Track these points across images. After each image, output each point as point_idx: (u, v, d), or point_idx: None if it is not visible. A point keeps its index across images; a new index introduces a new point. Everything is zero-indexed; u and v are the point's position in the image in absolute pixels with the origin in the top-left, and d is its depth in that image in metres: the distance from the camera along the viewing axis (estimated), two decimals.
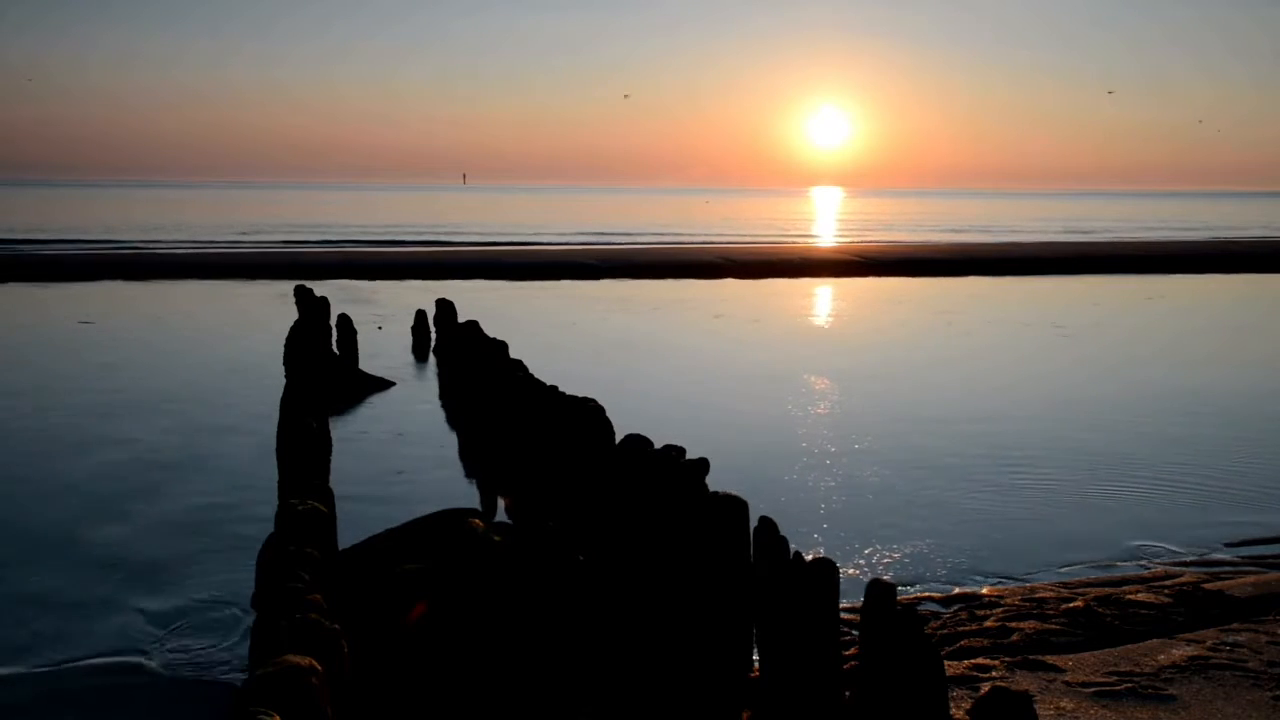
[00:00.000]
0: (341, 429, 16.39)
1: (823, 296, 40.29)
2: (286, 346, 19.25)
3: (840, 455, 15.34)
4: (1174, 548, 11.55)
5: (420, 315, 26.01)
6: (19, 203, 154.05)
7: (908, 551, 11.31)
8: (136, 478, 14.16)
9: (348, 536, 9.30)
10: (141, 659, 8.77)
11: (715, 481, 8.53)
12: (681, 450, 8.89)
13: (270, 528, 7.79)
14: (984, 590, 10.22)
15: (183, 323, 30.14)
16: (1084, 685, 7.85)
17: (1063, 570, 10.85)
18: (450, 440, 16.59)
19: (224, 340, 26.59)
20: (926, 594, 10.12)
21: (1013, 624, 9.10)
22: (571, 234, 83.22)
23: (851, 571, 10.55)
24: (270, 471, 11.75)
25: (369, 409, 18.99)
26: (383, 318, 30.64)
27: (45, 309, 33.69)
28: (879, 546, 11.45)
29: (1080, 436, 16.51)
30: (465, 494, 13.45)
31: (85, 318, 30.60)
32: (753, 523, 7.70)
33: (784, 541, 7.29)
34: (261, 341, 25.44)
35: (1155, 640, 8.77)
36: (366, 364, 21.72)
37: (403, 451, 15.65)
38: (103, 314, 31.94)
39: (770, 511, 7.80)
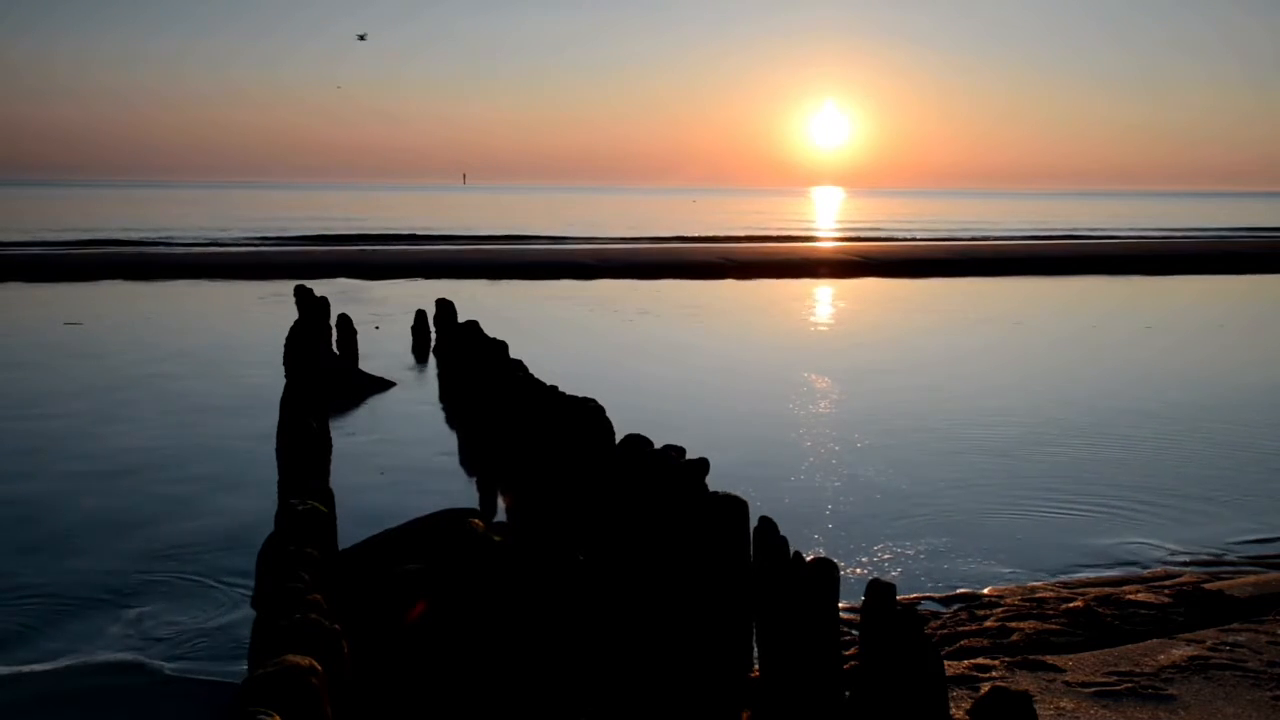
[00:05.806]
0: (341, 429, 16.39)
1: (824, 297, 40.30)
2: (286, 347, 19.25)
3: (841, 455, 15.34)
4: (1174, 548, 11.55)
5: (420, 315, 26.00)
6: (20, 203, 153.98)
7: (908, 551, 11.30)
8: (134, 478, 14.16)
9: (348, 536, 9.30)
10: (141, 659, 8.77)
11: (715, 482, 8.53)
12: (681, 450, 8.89)
13: (270, 528, 7.78)
14: (984, 590, 10.21)
15: (180, 323, 30.14)
16: (1084, 685, 7.84)
17: (1063, 570, 10.85)
18: (450, 440, 16.59)
19: (223, 340, 26.59)
20: (926, 594, 10.12)
21: (1013, 624, 9.10)
22: (571, 234, 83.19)
23: (852, 571, 10.55)
24: (269, 472, 11.75)
25: (369, 409, 18.99)
26: (382, 318, 30.63)
27: (35, 309, 33.65)
28: (879, 546, 11.45)
29: (1080, 436, 16.51)
30: (465, 494, 13.45)
31: (72, 319, 30.45)
32: (753, 523, 7.70)
33: (784, 541, 7.28)
34: (261, 341, 25.44)
35: (1155, 640, 8.77)
36: (366, 364, 21.72)
37: (403, 451, 15.64)
38: (96, 315, 31.88)
39: (771, 511, 7.79)
